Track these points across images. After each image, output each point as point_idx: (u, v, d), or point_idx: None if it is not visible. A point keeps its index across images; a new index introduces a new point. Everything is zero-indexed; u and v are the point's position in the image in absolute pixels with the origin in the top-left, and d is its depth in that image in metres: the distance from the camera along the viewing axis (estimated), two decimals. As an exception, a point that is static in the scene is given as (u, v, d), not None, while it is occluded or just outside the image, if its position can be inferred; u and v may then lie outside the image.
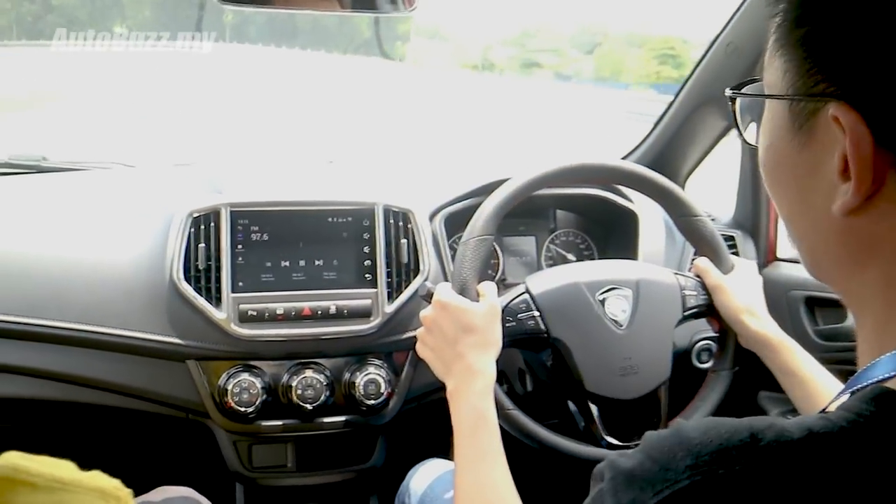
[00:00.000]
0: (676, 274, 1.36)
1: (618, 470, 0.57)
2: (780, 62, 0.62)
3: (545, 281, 1.30)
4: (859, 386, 0.56)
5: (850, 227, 0.59)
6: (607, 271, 1.34)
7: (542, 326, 1.27)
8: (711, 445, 0.53)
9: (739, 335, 1.31)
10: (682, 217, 1.38)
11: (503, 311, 1.24)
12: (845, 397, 0.56)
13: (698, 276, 1.36)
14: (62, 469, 0.62)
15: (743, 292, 1.32)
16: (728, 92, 0.75)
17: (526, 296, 1.28)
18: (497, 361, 1.18)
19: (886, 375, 0.55)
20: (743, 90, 0.74)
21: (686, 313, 1.33)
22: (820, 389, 1.17)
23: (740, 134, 1.00)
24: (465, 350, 1.15)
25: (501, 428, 1.12)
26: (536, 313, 1.27)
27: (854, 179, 0.56)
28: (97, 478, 0.63)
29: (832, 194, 0.59)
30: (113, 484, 0.64)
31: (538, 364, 1.37)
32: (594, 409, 1.29)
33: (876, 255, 0.59)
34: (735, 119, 0.83)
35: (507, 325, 1.24)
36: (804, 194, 0.63)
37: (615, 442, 1.28)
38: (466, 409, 1.10)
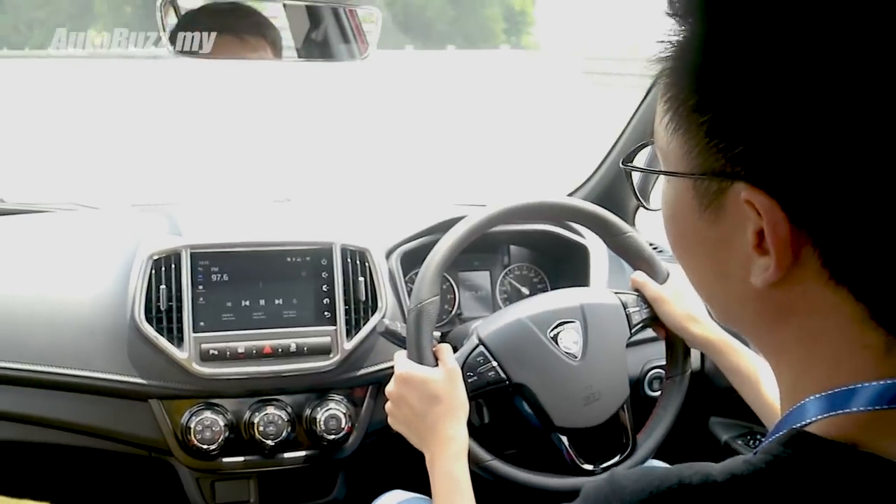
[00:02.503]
0: (617, 293, 1.39)
1: None
2: (680, 141, 0.60)
3: (496, 328, 1.33)
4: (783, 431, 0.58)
5: (767, 296, 0.59)
6: (552, 304, 1.37)
7: (503, 375, 1.29)
8: (643, 494, 0.56)
9: (686, 341, 1.36)
10: (613, 237, 1.43)
11: (462, 367, 1.27)
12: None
13: (637, 291, 1.40)
14: None
15: (681, 299, 1.35)
16: (622, 166, 0.74)
17: (481, 347, 1.30)
18: None
19: (811, 420, 0.57)
20: (636, 160, 0.73)
21: (633, 330, 1.37)
22: (767, 387, 1.20)
23: (643, 205, 1.03)
24: (435, 421, 1.19)
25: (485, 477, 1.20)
26: (494, 363, 1.29)
27: (774, 258, 0.56)
28: None
29: (747, 264, 0.58)
30: None
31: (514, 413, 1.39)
32: (564, 439, 1.32)
33: (792, 315, 0.59)
34: (634, 191, 0.86)
35: (469, 380, 1.27)
36: (717, 265, 0.62)
37: (590, 468, 1.32)
38: (441, 475, 1.15)
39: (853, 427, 0.55)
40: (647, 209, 1.36)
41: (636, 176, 0.80)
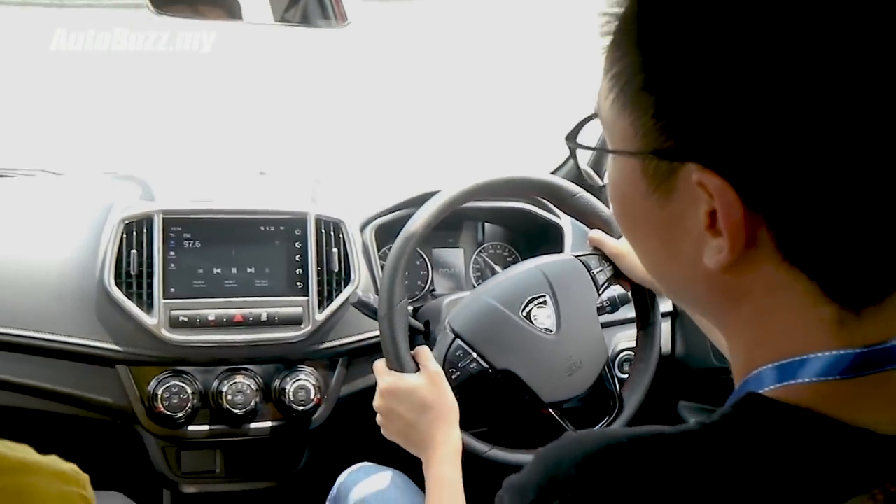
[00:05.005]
0: (577, 256, 1.39)
1: (512, 487, 0.60)
2: (627, 119, 0.58)
3: (468, 317, 1.33)
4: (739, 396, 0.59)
5: (720, 278, 0.58)
6: (518, 281, 1.37)
7: (485, 364, 1.29)
8: (593, 447, 0.57)
9: (653, 289, 1.37)
10: (564, 201, 1.43)
11: (444, 365, 1.27)
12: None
13: (596, 249, 1.40)
14: (22, 452, 0.63)
15: None
16: (566, 143, 0.71)
17: (458, 341, 1.30)
18: None
19: (765, 389, 0.57)
20: (580, 135, 0.70)
21: (600, 290, 1.38)
22: None
23: (590, 181, 1.01)
24: (427, 429, 1.19)
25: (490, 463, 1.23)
26: (474, 354, 1.29)
27: (727, 241, 0.55)
28: (56, 461, 0.65)
29: (699, 245, 0.57)
30: (71, 467, 0.66)
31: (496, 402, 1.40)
32: (554, 413, 1.33)
33: (746, 295, 0.58)
34: (577, 168, 0.85)
35: (453, 376, 1.27)
36: (668, 245, 0.60)
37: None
38: (434, 479, 1.16)
39: (806, 394, 0.55)
40: (595, 186, 1.36)
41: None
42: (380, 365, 1.29)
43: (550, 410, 1.33)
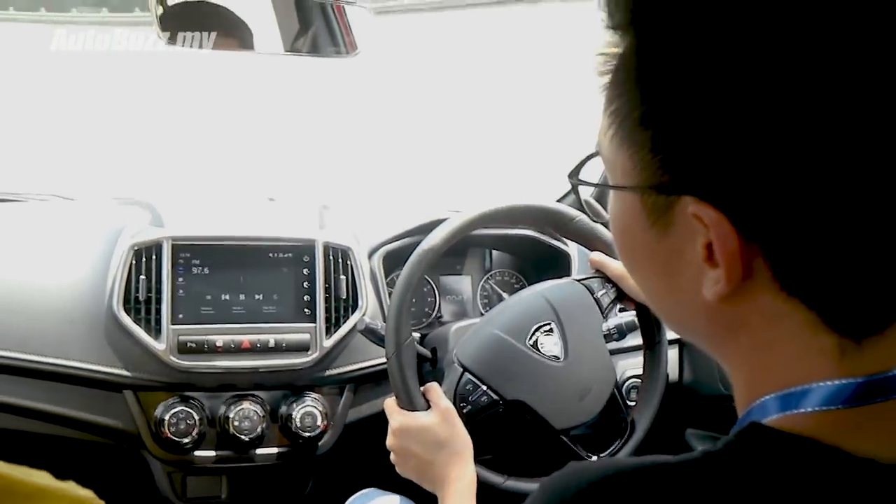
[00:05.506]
0: (579, 280, 1.40)
1: None
2: (625, 155, 0.59)
3: (475, 349, 1.33)
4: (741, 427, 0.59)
5: (719, 309, 0.58)
6: (522, 310, 1.37)
7: (495, 396, 1.29)
8: (599, 475, 0.57)
9: None
10: (564, 225, 1.43)
11: (454, 400, 1.27)
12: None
13: (599, 272, 1.40)
14: (40, 478, 0.64)
15: None
16: (568, 179, 0.72)
17: (466, 375, 1.30)
18: None
19: (772, 417, 0.57)
20: (583, 171, 0.71)
21: (605, 312, 1.37)
22: None
23: (591, 217, 1.03)
24: (443, 467, 1.19)
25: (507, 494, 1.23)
26: (483, 387, 1.29)
27: (724, 271, 0.55)
28: (73, 487, 0.65)
29: (698, 277, 0.57)
30: (88, 494, 0.66)
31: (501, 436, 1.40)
32: (565, 439, 1.33)
33: (745, 326, 0.58)
34: (581, 204, 0.85)
35: (464, 410, 1.27)
36: (668, 277, 0.61)
37: (595, 458, 1.33)
38: None
39: (809, 424, 0.55)
40: (596, 222, 1.36)
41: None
42: (390, 404, 1.28)
43: (563, 437, 1.33)
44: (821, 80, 0.51)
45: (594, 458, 1.34)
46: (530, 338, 1.33)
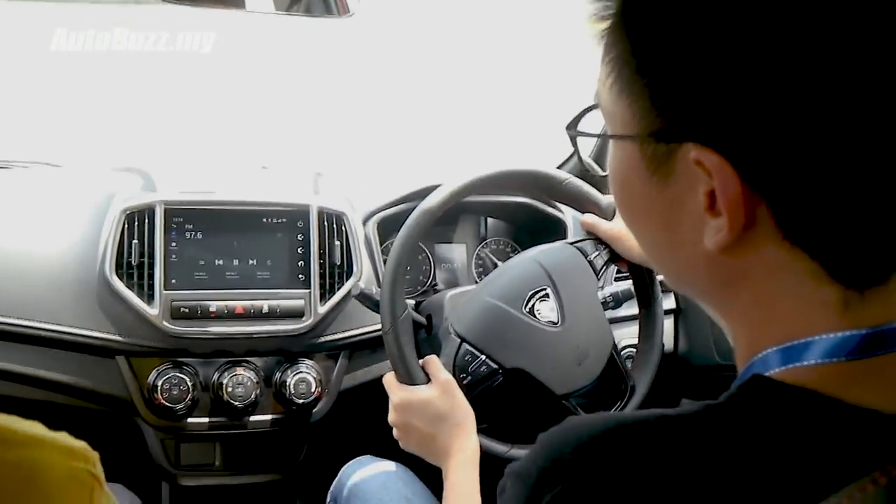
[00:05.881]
0: (571, 243, 1.39)
1: (514, 472, 0.60)
2: (624, 104, 0.58)
3: (471, 319, 1.32)
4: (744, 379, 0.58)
5: (721, 260, 0.57)
6: (516, 276, 1.36)
7: (495, 365, 1.28)
8: (597, 428, 0.57)
9: (653, 269, 1.37)
10: (554, 189, 1.42)
11: (453, 371, 1.26)
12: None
13: (591, 234, 1.40)
14: (33, 427, 0.63)
15: None
16: (567, 131, 0.72)
17: (465, 345, 1.29)
18: None
19: (770, 371, 0.57)
20: (581, 124, 0.70)
21: (599, 274, 1.37)
22: None
23: (592, 170, 1.02)
24: (446, 439, 1.19)
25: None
26: (482, 357, 1.28)
27: (726, 219, 0.55)
28: (66, 438, 0.64)
29: (699, 227, 0.57)
30: (81, 444, 0.66)
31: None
32: (567, 404, 1.33)
33: (747, 278, 0.58)
34: (579, 157, 0.85)
35: (465, 381, 1.27)
36: (668, 229, 0.61)
37: None
38: (450, 485, 1.16)
39: (812, 376, 0.55)
40: (596, 175, 1.36)
41: (590, 140, 0.78)
42: (390, 379, 1.27)
43: (564, 402, 1.33)
44: (822, 20, 0.50)
45: None
46: (526, 304, 1.33)
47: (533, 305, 1.33)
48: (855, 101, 0.50)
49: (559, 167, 2.05)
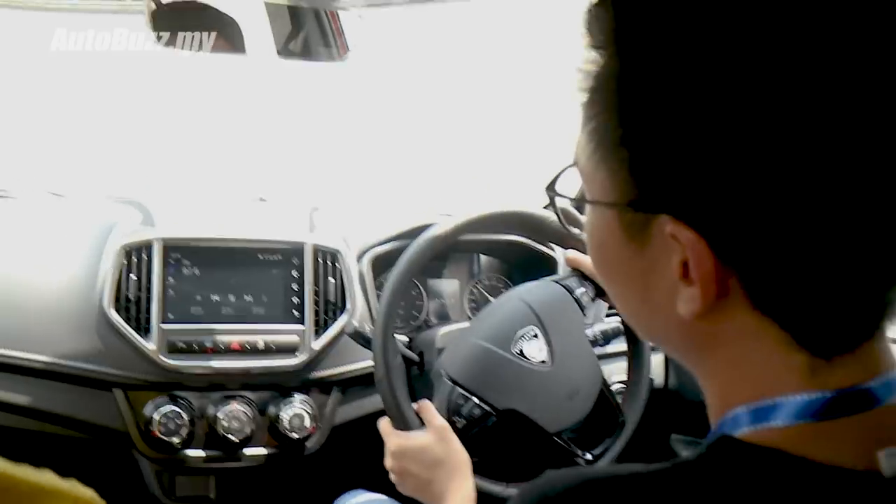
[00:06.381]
0: (556, 280, 1.40)
1: None
2: (605, 171, 0.60)
3: (461, 361, 1.33)
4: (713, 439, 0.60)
5: (694, 326, 0.58)
6: (503, 317, 1.37)
7: (487, 408, 1.29)
8: (573, 481, 0.59)
9: None
10: (539, 227, 1.44)
11: (447, 415, 1.27)
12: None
13: (576, 270, 1.41)
14: (43, 476, 0.64)
15: None
16: (547, 192, 0.73)
17: (457, 389, 1.29)
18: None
19: (744, 431, 0.58)
20: (559, 185, 0.71)
21: (585, 311, 1.38)
22: None
23: (569, 232, 1.03)
24: (442, 484, 1.19)
25: None
26: (475, 399, 1.29)
27: (699, 290, 0.56)
28: (75, 487, 0.65)
29: (673, 294, 0.58)
30: (90, 494, 0.66)
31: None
32: (560, 440, 1.34)
33: (719, 343, 0.59)
34: (558, 216, 0.83)
35: (458, 425, 1.27)
36: (644, 293, 0.62)
37: (590, 457, 1.36)
38: None
39: (779, 437, 0.56)
40: (573, 237, 1.37)
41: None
42: (385, 425, 1.28)
43: (556, 439, 1.34)
44: (792, 114, 0.52)
45: (588, 455, 1.35)
46: (515, 345, 1.33)
47: (521, 347, 1.33)
48: (821, 188, 0.52)
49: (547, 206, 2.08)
